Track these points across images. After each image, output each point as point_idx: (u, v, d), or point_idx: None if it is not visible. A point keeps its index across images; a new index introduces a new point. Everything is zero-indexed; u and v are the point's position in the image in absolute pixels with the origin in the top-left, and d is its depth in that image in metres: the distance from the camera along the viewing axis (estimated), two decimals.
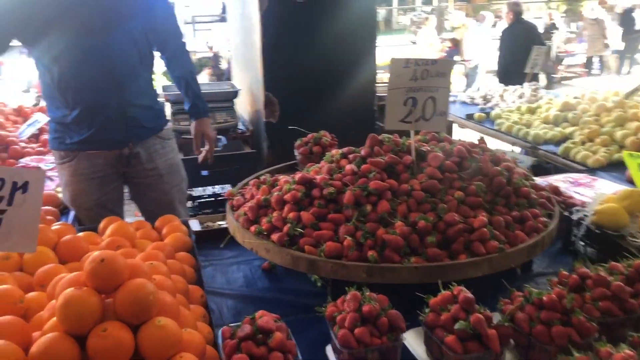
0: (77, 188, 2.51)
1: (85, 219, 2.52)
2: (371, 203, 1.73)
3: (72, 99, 2.40)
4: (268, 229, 1.78)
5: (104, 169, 2.53)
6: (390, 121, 1.82)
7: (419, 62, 1.77)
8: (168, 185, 2.69)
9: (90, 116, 2.43)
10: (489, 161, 1.94)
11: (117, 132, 2.49)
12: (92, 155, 2.49)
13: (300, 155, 2.35)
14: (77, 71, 2.36)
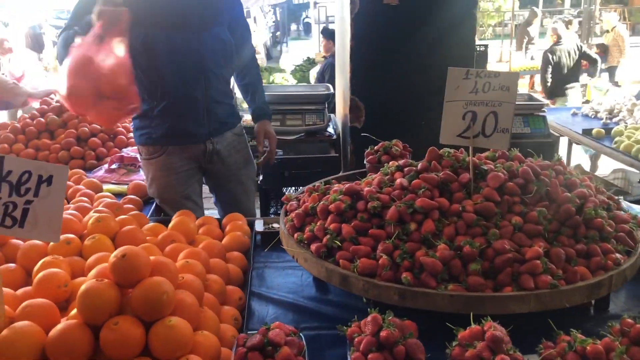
0: (165, 182, 2.65)
1: (171, 211, 2.65)
2: (416, 222, 1.64)
3: (160, 91, 2.52)
4: (309, 238, 1.75)
5: (189, 163, 2.67)
6: (445, 135, 1.70)
7: (481, 73, 1.63)
8: (245, 177, 2.85)
9: (178, 108, 2.55)
10: (560, 186, 1.75)
11: (200, 126, 2.62)
12: (179, 150, 2.63)
13: (368, 164, 2.28)
14: (169, 62, 2.48)
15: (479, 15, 21.83)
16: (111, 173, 2.99)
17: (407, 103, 3.02)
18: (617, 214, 1.81)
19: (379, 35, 2.93)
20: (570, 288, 1.50)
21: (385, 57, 2.97)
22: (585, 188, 1.79)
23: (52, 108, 3.54)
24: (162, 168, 2.63)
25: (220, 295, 1.68)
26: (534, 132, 3.46)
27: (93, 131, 3.39)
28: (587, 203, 1.70)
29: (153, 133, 2.59)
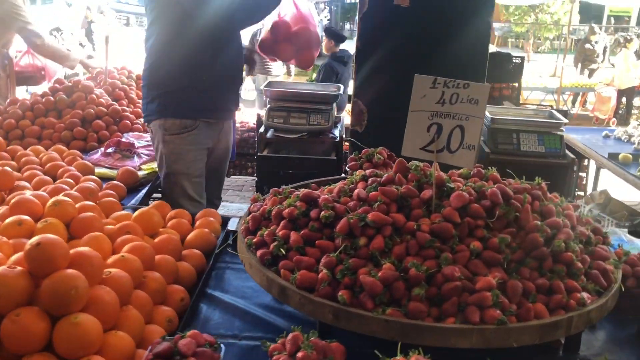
0: (192, 157, 2.74)
1: (191, 188, 2.76)
2: (367, 236, 1.53)
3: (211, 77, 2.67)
4: (257, 243, 1.66)
5: (207, 142, 2.80)
6: (408, 147, 1.58)
7: (449, 83, 1.51)
8: (225, 160, 3.03)
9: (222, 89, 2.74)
10: (534, 212, 1.61)
11: (235, 102, 2.88)
12: (208, 126, 2.74)
13: (350, 170, 2.17)
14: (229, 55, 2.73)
15: (536, 27, 21.24)
16: (106, 157, 2.98)
17: None
18: (597, 249, 1.65)
19: (386, 37, 2.81)
20: (520, 326, 1.36)
21: (392, 61, 2.85)
22: (564, 218, 1.64)
23: (63, 87, 3.56)
24: (193, 142, 2.72)
25: (158, 294, 1.61)
26: (549, 151, 3.26)
27: (98, 114, 3.39)
28: (559, 234, 1.55)
29: (190, 107, 2.66)
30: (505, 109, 3.77)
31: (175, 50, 2.60)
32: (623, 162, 3.68)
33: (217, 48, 2.64)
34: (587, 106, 13.13)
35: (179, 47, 2.58)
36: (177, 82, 2.65)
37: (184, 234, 2.09)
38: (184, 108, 2.68)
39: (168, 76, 2.65)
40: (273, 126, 3.46)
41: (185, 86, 2.65)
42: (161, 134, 2.71)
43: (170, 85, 2.65)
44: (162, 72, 2.64)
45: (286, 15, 2.83)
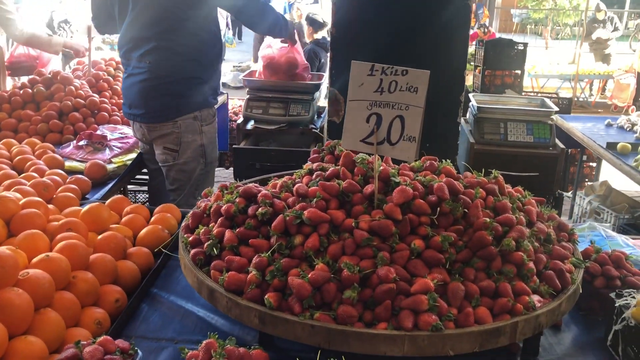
0: (214, 143, 3.00)
1: (213, 173, 3.01)
2: (304, 235, 1.43)
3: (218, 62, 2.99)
4: (192, 242, 1.57)
5: None
6: (348, 139, 1.48)
7: (387, 70, 1.40)
8: (209, 157, 3.03)
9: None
10: (486, 208, 1.50)
11: None
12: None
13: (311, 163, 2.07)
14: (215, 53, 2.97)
15: (554, 13, 20.75)
16: (78, 150, 2.91)
17: None
18: (556, 248, 1.54)
19: (362, 23, 2.69)
20: (457, 333, 1.26)
21: (368, 47, 2.73)
22: (519, 214, 1.53)
23: (43, 79, 3.50)
24: (214, 129, 2.99)
25: (88, 295, 1.53)
26: (537, 141, 3.11)
27: (76, 105, 3.33)
28: (511, 232, 1.44)
29: (213, 95, 2.97)
30: (496, 97, 3.63)
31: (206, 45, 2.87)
32: (621, 152, 3.51)
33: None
34: (605, 93, 12.79)
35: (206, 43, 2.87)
36: (207, 73, 2.89)
37: (137, 230, 2.01)
38: (211, 97, 2.94)
39: (200, 68, 2.85)
40: (252, 117, 3.37)
41: (210, 76, 2.91)
42: (197, 126, 2.88)
43: (202, 77, 2.86)
44: (194, 65, 2.83)
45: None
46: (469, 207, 1.46)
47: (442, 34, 2.65)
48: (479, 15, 15.71)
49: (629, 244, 2.07)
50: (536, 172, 3.06)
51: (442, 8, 2.63)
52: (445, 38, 2.65)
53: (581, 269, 1.55)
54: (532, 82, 12.17)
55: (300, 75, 3.39)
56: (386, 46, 2.67)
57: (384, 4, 2.67)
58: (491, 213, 1.50)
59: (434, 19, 2.63)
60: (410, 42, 2.70)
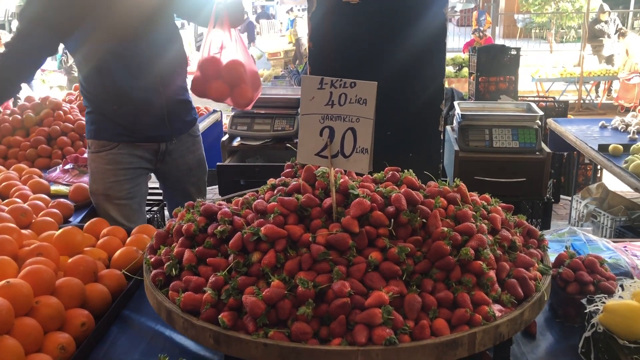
0: (113, 177, 2.59)
1: (116, 211, 2.60)
2: (262, 252, 1.42)
3: (121, 99, 2.52)
4: (154, 263, 1.57)
5: (139, 162, 2.63)
6: (303, 153, 1.47)
7: (336, 83, 1.39)
8: (195, 178, 2.85)
9: (138, 114, 2.55)
10: (447, 218, 1.48)
11: (161, 128, 2.61)
12: (132, 146, 2.58)
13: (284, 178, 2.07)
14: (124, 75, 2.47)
15: (557, 16, 20.67)
16: (65, 173, 2.94)
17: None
18: (521, 256, 1.51)
19: (337, 36, 2.69)
20: (412, 346, 1.24)
21: (344, 60, 2.73)
22: (481, 221, 1.51)
23: (32, 105, 3.55)
24: (111, 162, 2.58)
25: (52, 320, 1.53)
26: (523, 146, 3.08)
27: (64, 130, 3.36)
28: (470, 241, 1.42)
29: (109, 129, 2.56)
30: (482, 104, 3.61)
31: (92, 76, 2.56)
32: (613, 154, 3.46)
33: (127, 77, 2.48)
34: (612, 94, 12.70)
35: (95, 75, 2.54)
36: (91, 105, 2.61)
37: (112, 252, 2.01)
38: (100, 130, 2.60)
39: (87, 98, 2.62)
40: (236, 134, 3.37)
41: (103, 110, 2.58)
42: (88, 152, 2.68)
43: (91, 107, 2.62)
44: (84, 94, 2.62)
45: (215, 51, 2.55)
46: (428, 216, 1.45)
47: (419, 44, 2.64)
48: (482, 22, 15.72)
49: (609, 247, 2.03)
50: (523, 178, 3.02)
51: (417, 19, 2.63)
52: (422, 48, 2.65)
53: (548, 276, 1.52)
54: (536, 86, 12.12)
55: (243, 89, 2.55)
56: (364, 59, 2.68)
57: (360, 17, 2.67)
58: (452, 222, 1.48)
59: (411, 30, 2.63)
60: (387, 54, 2.70)
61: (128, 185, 2.64)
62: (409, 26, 2.63)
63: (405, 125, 2.78)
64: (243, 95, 2.56)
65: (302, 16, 18.88)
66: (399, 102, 2.76)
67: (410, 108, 2.76)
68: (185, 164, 2.80)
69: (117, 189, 2.61)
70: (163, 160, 2.73)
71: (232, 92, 2.55)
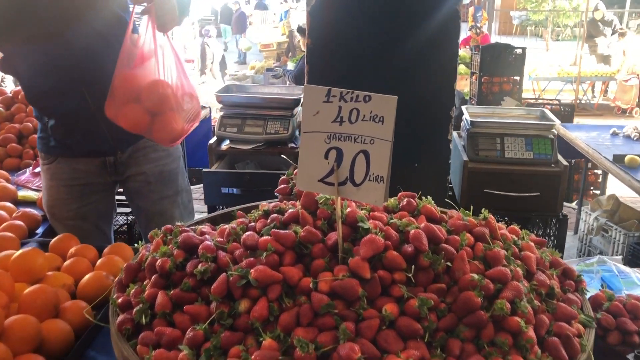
0: (56, 194, 2.27)
1: (63, 231, 2.27)
2: (252, 299, 1.17)
3: (43, 110, 2.18)
4: (122, 306, 1.31)
5: (85, 177, 2.26)
6: (303, 178, 1.22)
7: (346, 95, 1.13)
8: (157, 195, 2.35)
9: (67, 127, 2.17)
10: (474, 259, 1.23)
11: (101, 141, 2.19)
12: (73, 160, 2.22)
13: (279, 195, 1.81)
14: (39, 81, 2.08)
15: (554, 14, 20.48)
16: (35, 177, 2.67)
17: None
18: (562, 306, 1.26)
19: (339, 33, 2.43)
20: None
21: (348, 62, 2.47)
22: (515, 264, 1.26)
23: (2, 99, 3.25)
24: (53, 177, 2.26)
25: None
26: (538, 158, 2.84)
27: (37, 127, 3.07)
28: (505, 290, 1.17)
29: (50, 140, 2.23)
30: (491, 109, 3.35)
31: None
32: (630, 165, 3.23)
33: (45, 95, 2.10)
34: (608, 95, 12.56)
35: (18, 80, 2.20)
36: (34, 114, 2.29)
37: (80, 276, 1.75)
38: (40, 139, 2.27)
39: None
40: (225, 136, 3.09)
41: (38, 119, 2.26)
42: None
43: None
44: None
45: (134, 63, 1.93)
46: (453, 259, 1.20)
47: (428, 43, 2.38)
48: (478, 18, 15.49)
49: None
50: (537, 192, 2.78)
51: (429, 16, 2.37)
52: (432, 48, 2.39)
53: (592, 329, 1.27)
54: (532, 85, 11.94)
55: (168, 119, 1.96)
56: (367, 58, 2.42)
57: (365, 12, 2.41)
58: (481, 265, 1.23)
59: (421, 28, 2.37)
60: (394, 53, 2.44)
61: (75, 204, 2.27)
62: (419, 24, 2.37)
63: (411, 132, 2.52)
64: (167, 126, 1.97)
65: (295, 8, 18.57)
66: (406, 107, 2.49)
67: (418, 114, 2.50)
68: (142, 174, 2.32)
69: (62, 208, 2.27)
70: (116, 171, 2.29)
71: (152, 121, 1.97)
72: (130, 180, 2.33)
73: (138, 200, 2.37)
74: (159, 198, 2.35)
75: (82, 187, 2.25)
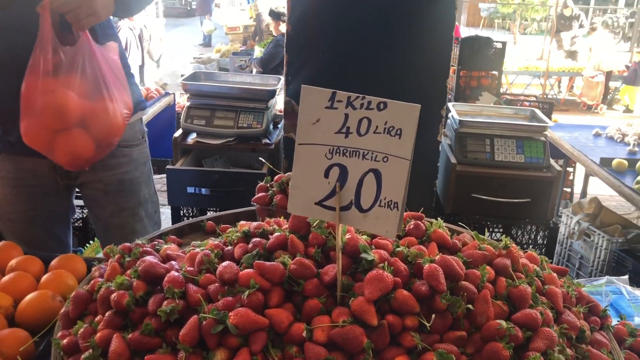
0: (1, 194, 1.98)
1: (9, 233, 1.99)
2: (229, 349, 0.94)
3: None
4: (67, 348, 1.06)
5: (33, 178, 1.96)
6: (297, 200, 0.99)
7: (354, 101, 0.91)
8: (115, 206, 2.05)
9: (5, 124, 1.87)
10: (498, 298, 1.03)
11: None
12: (18, 159, 1.94)
13: (257, 206, 1.58)
14: None
15: (523, 8, 20.58)
16: None
17: None
18: (594, 354, 1.08)
19: (323, 21, 2.20)
20: None
21: (332, 53, 2.25)
22: (543, 304, 1.07)
23: None
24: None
25: None
26: (529, 162, 2.67)
27: None
28: (536, 339, 0.97)
29: None
30: (479, 108, 3.18)
31: None
32: (617, 170, 3.11)
33: None
34: (574, 91, 12.67)
35: None
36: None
37: (21, 295, 1.49)
38: None
39: None
40: (192, 129, 2.82)
41: None
42: None
43: None
44: None
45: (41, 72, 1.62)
46: (475, 299, 1.00)
47: (420, 35, 2.18)
48: None
49: None
50: (527, 199, 2.62)
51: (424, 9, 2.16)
52: (423, 40, 2.18)
53: None
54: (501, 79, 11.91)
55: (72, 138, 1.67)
56: (351, 48, 2.20)
57: None
58: (505, 305, 1.03)
59: (411, 16, 2.16)
60: (381, 44, 2.22)
61: (23, 206, 1.99)
62: (410, 11, 2.15)
63: None
64: (70, 147, 1.68)
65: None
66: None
67: None
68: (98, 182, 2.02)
69: (7, 208, 1.99)
70: (67, 176, 1.99)
71: (54, 140, 1.67)
72: (86, 187, 2.04)
73: (95, 210, 2.08)
74: (117, 210, 2.06)
75: (30, 188, 1.96)
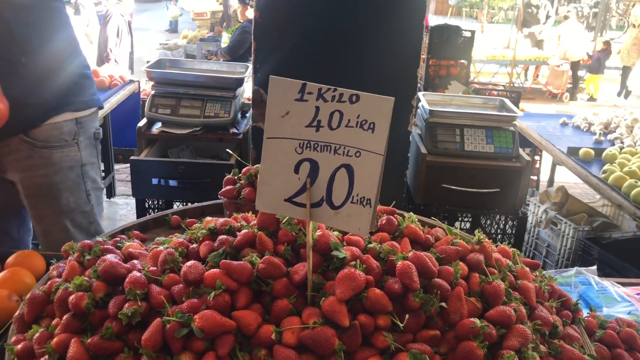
0: None
1: None
2: (195, 353, 0.90)
3: None
4: (22, 354, 1.00)
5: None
6: (265, 197, 0.95)
7: (325, 93, 0.87)
8: (35, 211, 1.92)
9: None
10: (471, 295, 1.01)
11: None
12: None
13: (224, 199, 1.53)
14: None
15: None
16: None
17: None
18: (568, 350, 1.07)
19: (293, 7, 2.14)
20: None
21: (302, 40, 2.19)
22: (517, 300, 1.05)
23: None
24: None
25: None
26: (499, 152, 2.67)
27: None
28: (510, 337, 0.96)
29: None
30: (449, 97, 3.17)
31: None
32: (584, 159, 3.14)
33: None
34: (539, 80, 12.85)
35: None
36: None
37: None
38: None
39: None
40: (157, 118, 2.73)
41: None
42: None
43: None
44: None
45: None
46: (448, 297, 0.97)
47: (391, 23, 2.14)
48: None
49: (624, 297, 1.66)
50: (497, 188, 2.62)
51: None
52: (394, 28, 2.15)
53: None
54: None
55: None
56: (323, 36, 2.15)
57: None
58: (479, 302, 1.01)
59: (382, 4, 2.12)
60: (351, 31, 2.18)
61: None
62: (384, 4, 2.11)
63: None
64: None
65: None
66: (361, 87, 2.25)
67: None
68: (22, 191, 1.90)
69: None
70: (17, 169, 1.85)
71: None
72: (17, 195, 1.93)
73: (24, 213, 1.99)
74: (38, 216, 1.93)
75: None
